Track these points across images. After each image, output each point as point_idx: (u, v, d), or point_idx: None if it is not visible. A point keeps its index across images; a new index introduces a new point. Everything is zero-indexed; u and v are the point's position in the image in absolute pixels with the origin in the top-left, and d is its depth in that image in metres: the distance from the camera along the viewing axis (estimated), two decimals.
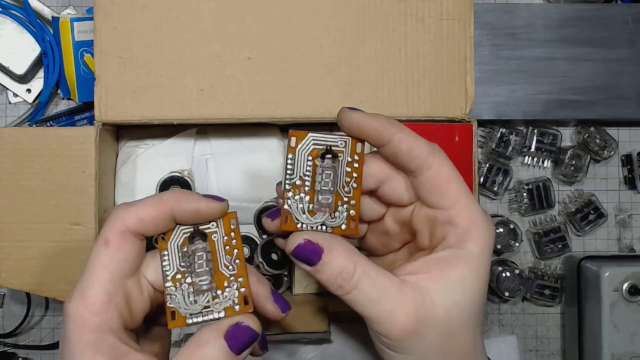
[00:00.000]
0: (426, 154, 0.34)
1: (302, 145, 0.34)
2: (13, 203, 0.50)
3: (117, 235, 0.32)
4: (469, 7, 0.51)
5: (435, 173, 0.34)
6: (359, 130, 0.35)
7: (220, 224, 0.34)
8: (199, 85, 0.50)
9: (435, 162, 0.34)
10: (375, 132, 0.35)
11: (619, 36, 0.64)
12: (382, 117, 0.35)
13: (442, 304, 0.34)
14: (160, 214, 0.33)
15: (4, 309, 0.64)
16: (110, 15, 0.50)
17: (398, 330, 0.33)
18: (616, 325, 0.60)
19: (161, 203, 0.33)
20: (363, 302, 0.34)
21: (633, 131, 0.68)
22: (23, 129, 0.59)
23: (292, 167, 0.34)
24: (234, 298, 0.33)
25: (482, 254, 0.34)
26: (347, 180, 0.35)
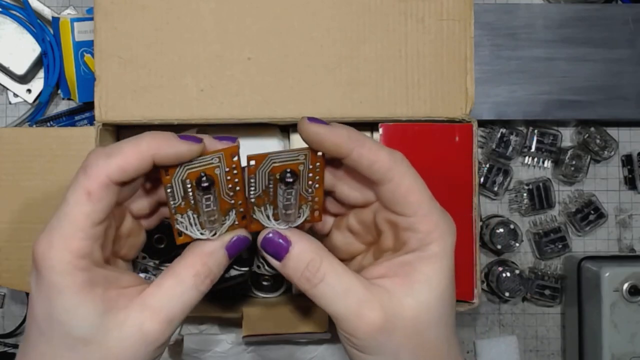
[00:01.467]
0: (385, 168, 0.35)
1: (262, 166, 0.34)
2: (13, 203, 0.50)
3: (100, 187, 0.32)
4: (469, 7, 0.51)
5: (396, 185, 0.35)
6: (318, 144, 0.35)
7: (222, 158, 0.34)
8: (199, 85, 0.50)
9: (395, 175, 0.35)
10: (334, 146, 0.35)
11: (619, 36, 0.64)
12: (342, 129, 0.35)
13: (409, 303, 0.34)
14: (142, 161, 0.33)
15: (4, 309, 0.64)
16: (110, 15, 0.50)
17: (365, 327, 0.34)
18: (616, 325, 0.60)
19: (142, 151, 0.33)
20: (329, 296, 0.34)
21: (633, 131, 0.68)
22: (23, 129, 0.59)
23: (255, 185, 0.35)
24: (234, 219, 0.36)
25: (444, 253, 0.35)
26: (309, 183, 0.36)
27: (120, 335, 0.32)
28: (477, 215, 0.52)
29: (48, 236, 0.32)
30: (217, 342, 0.57)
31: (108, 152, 0.33)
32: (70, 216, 0.32)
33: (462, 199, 0.51)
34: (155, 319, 0.33)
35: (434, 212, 0.35)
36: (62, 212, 0.32)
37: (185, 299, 0.34)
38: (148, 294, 0.33)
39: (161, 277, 0.34)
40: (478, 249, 0.52)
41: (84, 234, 0.32)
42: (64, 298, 0.31)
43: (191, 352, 0.56)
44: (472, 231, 0.51)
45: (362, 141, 0.35)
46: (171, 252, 0.50)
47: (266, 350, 0.57)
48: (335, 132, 0.35)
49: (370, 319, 0.34)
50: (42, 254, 0.31)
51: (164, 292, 0.34)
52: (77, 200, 0.32)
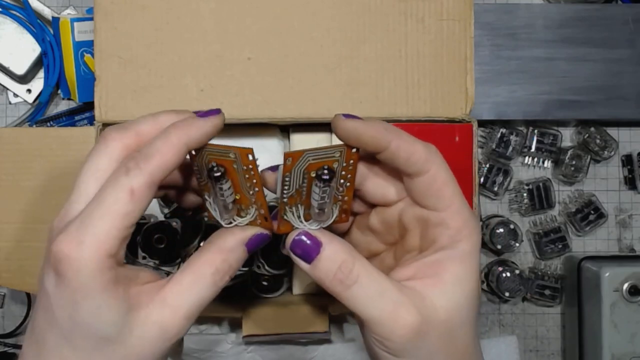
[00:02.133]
0: (423, 159, 0.34)
1: (298, 163, 0.34)
2: (13, 203, 0.50)
3: (145, 187, 0.31)
4: (469, 7, 0.51)
5: (432, 177, 0.35)
6: (355, 139, 0.34)
7: (238, 155, 0.34)
8: (199, 85, 0.50)
9: (433, 166, 0.35)
10: (372, 139, 0.34)
11: (619, 36, 0.64)
12: (378, 123, 0.35)
13: (443, 304, 0.34)
14: (178, 155, 0.32)
15: (4, 309, 0.64)
16: (110, 15, 0.50)
17: (401, 330, 0.33)
18: (616, 325, 0.60)
19: (176, 145, 0.32)
20: (363, 299, 0.33)
21: (633, 131, 0.68)
22: (23, 129, 0.59)
23: (289, 184, 0.35)
24: (255, 215, 0.36)
25: (473, 251, 0.35)
26: (341, 181, 0.35)
27: (143, 333, 0.32)
28: (477, 215, 0.52)
29: (78, 235, 0.31)
30: (217, 342, 0.57)
31: (146, 154, 0.32)
32: (109, 215, 0.31)
33: None
34: (175, 316, 0.33)
35: (465, 208, 0.35)
36: (98, 210, 0.31)
37: (203, 296, 0.34)
38: (168, 291, 0.33)
39: (181, 273, 0.34)
40: None
41: (120, 234, 0.31)
42: (90, 300, 0.31)
43: (191, 352, 0.56)
44: None
45: (398, 133, 0.35)
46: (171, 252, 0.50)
47: (266, 350, 0.57)
48: (372, 125, 0.34)
49: (407, 322, 0.33)
50: (68, 254, 0.30)
51: (184, 290, 0.33)
52: (118, 198, 0.31)
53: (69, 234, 0.31)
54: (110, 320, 0.31)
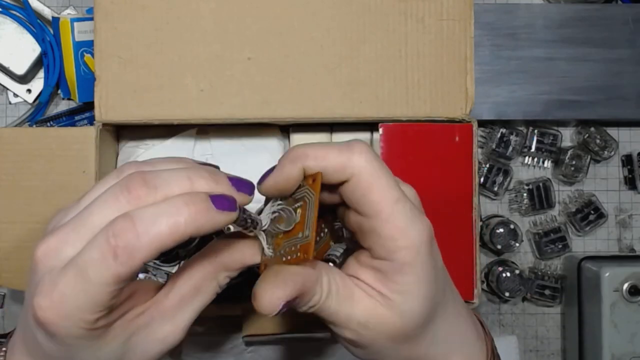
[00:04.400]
0: (339, 167, 0.32)
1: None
2: (13, 203, 0.50)
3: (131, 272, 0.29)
4: (469, 7, 0.51)
5: (354, 183, 0.32)
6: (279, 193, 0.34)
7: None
8: (199, 85, 0.50)
9: (353, 171, 0.32)
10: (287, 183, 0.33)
11: (619, 36, 0.64)
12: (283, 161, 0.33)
13: (391, 316, 0.33)
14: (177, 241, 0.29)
15: (4, 309, 0.64)
16: (110, 15, 0.50)
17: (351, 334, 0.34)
18: (616, 325, 0.60)
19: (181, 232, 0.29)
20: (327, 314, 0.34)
21: (633, 131, 0.68)
22: (23, 129, 0.59)
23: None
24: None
25: (416, 260, 0.32)
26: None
27: (146, 351, 0.32)
28: (477, 215, 0.52)
29: (59, 304, 0.28)
30: (217, 342, 0.57)
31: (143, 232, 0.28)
32: (90, 293, 0.28)
33: (462, 199, 0.51)
34: (176, 329, 0.33)
35: (399, 215, 0.32)
36: (80, 286, 0.28)
37: (203, 305, 0.34)
38: (168, 306, 0.33)
39: (180, 284, 0.33)
40: (478, 249, 0.52)
41: (102, 307, 0.29)
42: (86, 350, 0.30)
43: (191, 352, 0.56)
44: (472, 231, 0.51)
45: (306, 153, 0.32)
46: (171, 252, 0.50)
47: (266, 350, 0.57)
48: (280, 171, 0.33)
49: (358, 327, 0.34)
50: (52, 321, 0.28)
51: (184, 302, 0.33)
52: (102, 281, 0.28)
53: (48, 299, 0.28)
54: (110, 355, 0.31)
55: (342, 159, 0.32)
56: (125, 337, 0.32)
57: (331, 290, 0.33)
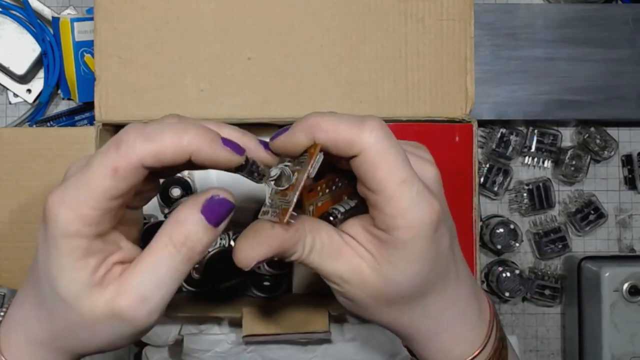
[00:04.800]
0: (348, 143, 0.32)
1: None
2: (13, 203, 0.50)
3: (128, 168, 0.31)
4: (469, 7, 0.51)
5: (362, 159, 0.32)
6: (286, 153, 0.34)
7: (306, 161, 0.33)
8: (199, 85, 0.50)
9: (361, 148, 0.32)
10: (294, 147, 0.34)
11: (619, 36, 0.64)
12: (298, 126, 0.33)
13: (374, 278, 0.34)
14: (178, 155, 0.31)
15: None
16: (110, 15, 0.50)
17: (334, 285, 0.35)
18: (616, 325, 0.60)
19: (182, 146, 0.31)
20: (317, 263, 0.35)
21: (633, 131, 0.68)
22: (23, 129, 0.59)
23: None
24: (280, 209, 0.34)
25: (414, 240, 0.33)
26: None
27: (95, 311, 0.32)
28: (477, 215, 0.52)
29: (62, 193, 0.31)
30: (217, 342, 0.57)
31: (147, 135, 0.31)
32: (90, 185, 0.31)
33: (462, 199, 0.51)
34: (127, 297, 0.32)
35: (402, 195, 0.32)
36: (83, 177, 0.31)
37: (159, 273, 0.32)
38: (126, 273, 0.32)
39: (141, 254, 0.33)
40: (478, 249, 0.52)
41: (98, 205, 0.31)
42: (58, 256, 0.31)
43: (191, 352, 0.56)
44: (472, 231, 0.51)
45: (315, 126, 0.33)
46: None
47: (266, 350, 0.57)
48: (293, 133, 0.33)
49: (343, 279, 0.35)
50: (51, 207, 0.31)
51: (137, 268, 0.32)
52: (101, 173, 0.31)
53: (58, 190, 0.31)
54: (72, 284, 0.32)
55: (351, 134, 0.32)
56: (88, 281, 0.32)
57: (314, 248, 0.34)
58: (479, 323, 0.38)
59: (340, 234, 0.35)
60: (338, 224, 0.36)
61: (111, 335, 0.33)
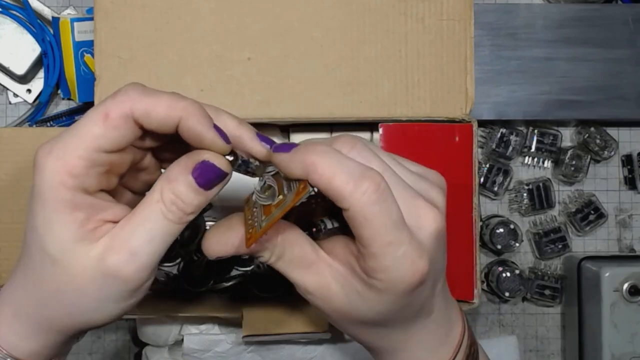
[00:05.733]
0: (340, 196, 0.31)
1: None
2: (13, 203, 0.50)
3: (119, 115, 0.31)
4: (469, 7, 0.51)
5: (351, 214, 0.31)
6: (284, 171, 0.33)
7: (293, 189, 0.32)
8: (199, 85, 0.50)
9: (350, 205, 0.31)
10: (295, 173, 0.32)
11: (619, 36, 0.64)
12: (299, 154, 0.32)
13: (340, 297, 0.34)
14: (168, 118, 0.31)
15: None
16: (110, 15, 0.50)
17: (300, 292, 0.36)
18: (616, 325, 0.60)
19: (174, 109, 0.31)
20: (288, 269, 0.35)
21: (633, 131, 0.68)
22: (23, 129, 0.59)
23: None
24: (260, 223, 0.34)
25: (387, 293, 0.33)
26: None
27: (84, 266, 0.31)
28: (477, 215, 0.52)
29: (51, 143, 0.31)
30: (217, 342, 0.57)
31: (144, 91, 0.31)
32: (79, 132, 0.31)
33: (462, 199, 0.51)
34: (116, 251, 0.31)
35: (386, 255, 0.32)
36: (75, 126, 0.31)
37: (150, 228, 0.32)
38: (117, 228, 0.32)
39: (132, 210, 0.33)
40: (478, 249, 0.52)
41: (85, 154, 0.31)
42: (45, 209, 0.31)
43: (191, 352, 0.56)
44: (472, 231, 0.51)
45: (312, 167, 0.31)
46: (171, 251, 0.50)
47: (266, 350, 0.57)
48: (286, 165, 0.32)
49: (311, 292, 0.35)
50: (39, 159, 0.31)
51: (128, 223, 0.32)
52: (92, 119, 0.31)
53: (48, 142, 0.31)
54: (58, 240, 0.31)
55: (344, 190, 0.31)
56: (77, 235, 0.31)
57: (283, 257, 0.34)
58: (442, 349, 0.38)
59: (315, 249, 0.35)
60: (320, 237, 0.35)
61: (100, 296, 0.32)
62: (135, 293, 0.33)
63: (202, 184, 0.32)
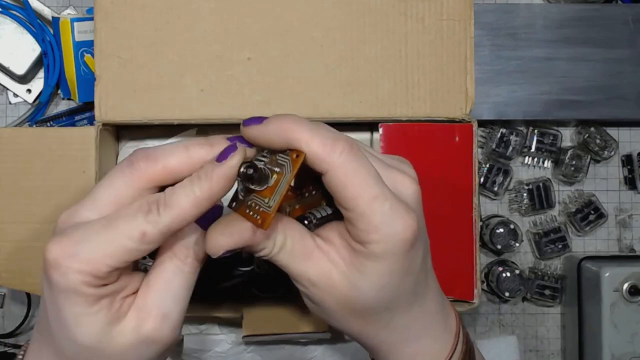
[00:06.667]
0: (319, 159, 0.32)
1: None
2: (13, 203, 0.50)
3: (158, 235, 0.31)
4: (469, 7, 0.51)
5: (331, 177, 0.33)
6: (258, 144, 0.34)
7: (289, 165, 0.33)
8: (199, 85, 0.50)
9: (330, 167, 0.32)
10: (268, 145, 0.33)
11: (619, 36, 0.64)
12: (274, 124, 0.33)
13: (343, 283, 0.34)
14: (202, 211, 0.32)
15: (4, 309, 0.64)
16: (110, 15, 0.50)
17: (301, 287, 0.36)
18: (616, 325, 0.60)
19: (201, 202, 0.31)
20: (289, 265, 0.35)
21: (633, 131, 0.68)
22: (23, 129, 0.59)
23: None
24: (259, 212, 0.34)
25: (385, 256, 0.33)
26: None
27: (123, 342, 0.32)
28: (477, 215, 0.52)
29: (76, 246, 0.31)
30: (217, 342, 0.57)
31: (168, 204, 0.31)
32: (113, 244, 0.31)
33: (462, 199, 0.51)
34: (149, 319, 0.33)
35: (375, 211, 0.32)
36: (106, 233, 0.31)
37: (173, 288, 0.33)
38: (140, 296, 0.33)
39: (148, 274, 0.34)
40: (478, 249, 0.52)
41: (113, 263, 0.31)
42: (71, 307, 0.31)
43: (191, 352, 0.56)
44: (472, 231, 0.51)
45: (290, 132, 0.32)
46: None
47: (266, 350, 0.57)
48: (264, 134, 0.33)
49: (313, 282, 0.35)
50: (59, 260, 0.31)
51: (151, 289, 0.33)
52: (127, 234, 0.31)
53: (68, 240, 0.31)
54: (91, 329, 0.32)
55: (322, 152, 0.32)
56: (107, 319, 0.32)
57: (285, 247, 0.34)
58: (444, 336, 0.38)
59: (313, 238, 0.35)
60: (313, 229, 0.36)
61: (145, 358, 0.33)
62: (171, 346, 0.35)
63: (206, 227, 0.33)
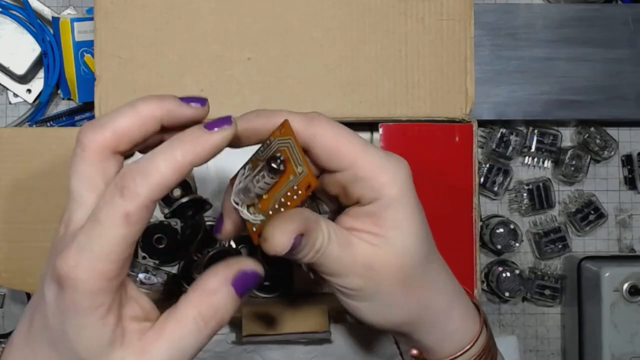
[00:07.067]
0: (302, 129, 0.34)
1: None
2: (13, 203, 0.50)
3: (141, 209, 0.30)
4: (469, 7, 0.51)
5: (320, 142, 0.34)
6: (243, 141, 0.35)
7: (301, 175, 0.32)
8: (199, 85, 0.50)
9: (316, 131, 0.34)
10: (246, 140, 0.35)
11: (619, 36, 0.64)
12: (250, 115, 0.35)
13: (387, 254, 0.34)
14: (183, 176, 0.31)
15: (4, 309, 0.64)
16: (110, 15, 0.50)
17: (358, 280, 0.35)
18: (616, 325, 0.60)
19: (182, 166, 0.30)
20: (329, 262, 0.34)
21: (633, 131, 0.68)
22: (23, 129, 0.59)
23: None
24: (258, 223, 0.34)
25: (402, 192, 0.34)
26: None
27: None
28: (477, 215, 0.52)
29: (76, 255, 0.30)
30: (217, 342, 0.57)
31: (144, 171, 0.30)
32: (104, 238, 0.30)
33: (462, 199, 0.51)
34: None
35: (372, 155, 0.34)
36: (94, 232, 0.30)
37: (185, 346, 0.32)
38: (149, 340, 0.31)
39: (164, 319, 0.32)
40: (478, 249, 0.52)
41: (116, 257, 0.30)
42: (80, 317, 0.30)
43: None
44: (472, 231, 0.51)
45: (272, 113, 0.34)
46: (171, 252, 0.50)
47: (266, 350, 0.57)
48: (261, 117, 0.34)
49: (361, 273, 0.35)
50: (66, 272, 0.30)
51: (163, 337, 0.32)
52: (113, 222, 0.29)
53: (68, 252, 0.30)
54: (92, 345, 0.31)
55: (305, 124, 0.34)
56: (109, 338, 0.31)
57: (331, 236, 0.34)
58: (473, 310, 0.39)
59: (341, 227, 0.35)
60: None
61: None
62: None
63: (241, 293, 0.32)
